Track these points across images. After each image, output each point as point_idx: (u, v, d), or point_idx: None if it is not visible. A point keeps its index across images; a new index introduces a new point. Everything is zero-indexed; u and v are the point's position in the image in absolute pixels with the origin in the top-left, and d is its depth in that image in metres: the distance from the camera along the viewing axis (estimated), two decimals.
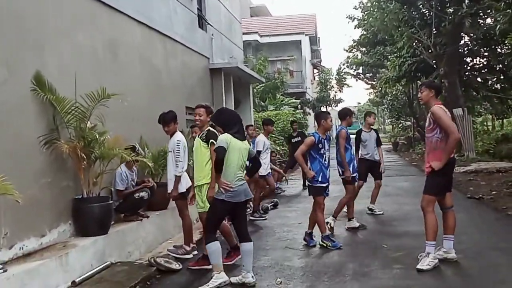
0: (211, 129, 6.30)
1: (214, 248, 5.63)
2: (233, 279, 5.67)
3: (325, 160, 7.26)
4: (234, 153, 5.63)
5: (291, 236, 8.02)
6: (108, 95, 6.62)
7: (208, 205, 5.91)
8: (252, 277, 5.63)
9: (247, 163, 6.08)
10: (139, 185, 7.54)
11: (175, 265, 6.44)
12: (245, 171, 5.92)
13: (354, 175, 8.19)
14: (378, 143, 9.66)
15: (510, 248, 6.66)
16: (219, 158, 5.55)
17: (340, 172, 8.17)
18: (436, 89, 6.21)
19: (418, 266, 5.84)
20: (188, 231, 7.11)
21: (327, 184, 7.30)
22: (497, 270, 5.82)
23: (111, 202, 6.83)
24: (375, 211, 9.59)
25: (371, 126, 9.82)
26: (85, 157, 6.33)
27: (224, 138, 5.64)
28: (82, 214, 6.41)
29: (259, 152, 9.83)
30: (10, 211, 5.31)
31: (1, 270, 4.77)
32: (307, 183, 7.93)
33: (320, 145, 7.21)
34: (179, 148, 6.87)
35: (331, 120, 7.50)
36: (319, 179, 7.20)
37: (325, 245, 7.17)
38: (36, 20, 6.15)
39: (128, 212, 7.44)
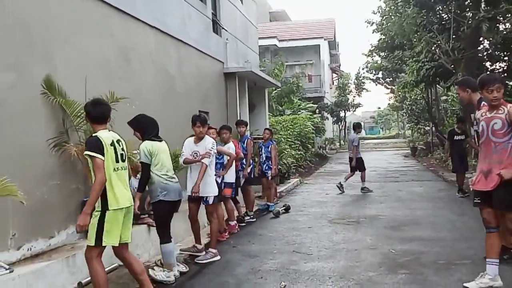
0: (98, 134, 4.79)
1: (168, 249, 6.08)
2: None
3: None
4: (163, 155, 6.03)
5: (299, 240, 8.01)
6: (116, 99, 6.71)
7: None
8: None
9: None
10: None
11: (182, 268, 6.48)
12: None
13: None
14: None
15: None
16: (146, 176, 5.96)
17: None
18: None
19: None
20: (215, 233, 7.34)
21: None
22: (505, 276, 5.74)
23: None
24: None
25: None
26: None
27: (144, 149, 5.91)
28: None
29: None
30: (18, 213, 5.41)
31: (8, 271, 4.86)
32: None
33: None
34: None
35: None
36: None
37: None
38: (46, 25, 6.27)
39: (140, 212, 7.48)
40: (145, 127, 6.04)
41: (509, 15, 13.53)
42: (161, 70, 9.72)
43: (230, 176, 8.79)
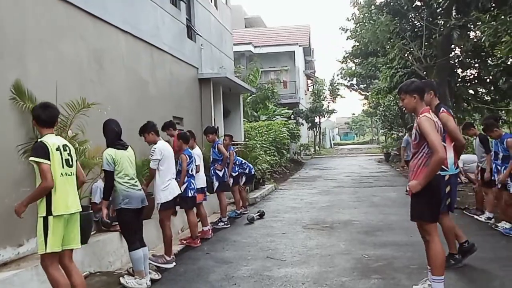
0: (43, 139, 4.70)
1: (136, 257, 5.97)
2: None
3: None
4: (126, 162, 5.97)
5: (273, 246, 8.00)
6: (88, 104, 6.63)
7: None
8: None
9: None
10: None
11: (154, 275, 6.40)
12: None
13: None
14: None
15: (489, 258, 6.65)
16: (110, 183, 5.90)
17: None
18: (419, 91, 5.10)
19: None
20: (168, 241, 7.13)
21: None
22: (476, 279, 5.82)
23: (91, 212, 6.81)
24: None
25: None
26: None
27: (107, 156, 5.86)
28: None
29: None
30: None
31: None
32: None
33: None
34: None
35: None
36: None
37: None
38: (16, 29, 6.17)
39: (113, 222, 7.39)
40: (107, 134, 6.01)
41: (479, 23, 13.76)
42: (134, 75, 9.64)
43: (200, 181, 8.76)
